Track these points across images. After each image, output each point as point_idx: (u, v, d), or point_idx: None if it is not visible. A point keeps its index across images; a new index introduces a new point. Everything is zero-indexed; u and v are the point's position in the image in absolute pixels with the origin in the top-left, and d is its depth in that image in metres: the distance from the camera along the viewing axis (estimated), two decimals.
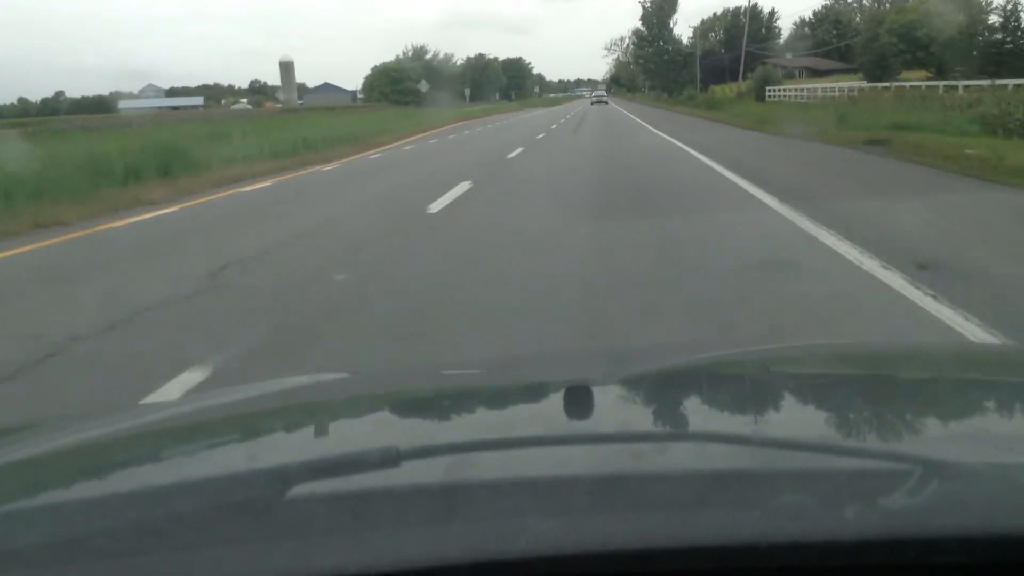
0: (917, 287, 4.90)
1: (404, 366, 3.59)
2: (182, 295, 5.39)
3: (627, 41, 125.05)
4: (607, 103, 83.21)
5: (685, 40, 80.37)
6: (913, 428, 1.06)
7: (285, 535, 0.70)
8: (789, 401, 1.21)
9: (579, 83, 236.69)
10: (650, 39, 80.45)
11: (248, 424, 1.22)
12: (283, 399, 1.37)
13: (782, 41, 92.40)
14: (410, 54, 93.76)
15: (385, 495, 0.78)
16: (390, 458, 0.85)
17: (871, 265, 5.54)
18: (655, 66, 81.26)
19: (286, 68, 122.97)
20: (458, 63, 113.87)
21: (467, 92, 78.89)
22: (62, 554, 0.70)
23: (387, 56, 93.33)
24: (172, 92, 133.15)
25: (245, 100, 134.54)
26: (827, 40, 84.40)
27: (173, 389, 3.48)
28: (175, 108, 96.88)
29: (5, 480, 0.99)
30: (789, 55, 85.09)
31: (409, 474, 0.84)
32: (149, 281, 5.94)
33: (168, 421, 1.28)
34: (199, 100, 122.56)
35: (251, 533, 0.72)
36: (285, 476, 0.84)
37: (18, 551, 0.72)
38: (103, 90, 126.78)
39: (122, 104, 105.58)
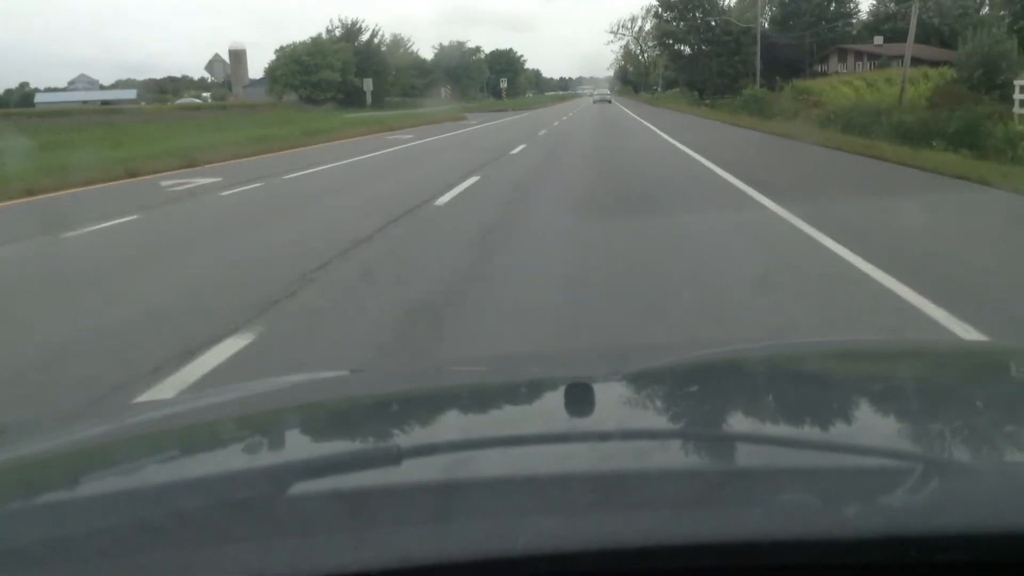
0: None
1: (404, 364, 3.52)
2: None
3: (640, 21, 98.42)
4: (610, 102, 71.42)
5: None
6: (914, 426, 1.04)
7: (285, 533, 0.71)
8: (790, 399, 1.20)
9: (581, 81, 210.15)
10: (682, 6, 53.10)
11: (248, 422, 1.21)
12: (283, 398, 1.36)
13: (853, 23, 63.96)
14: (337, 32, 67.40)
15: (385, 493, 0.78)
16: (390, 456, 0.86)
17: None
18: (692, 49, 53.99)
19: (237, 57, 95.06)
20: (416, 49, 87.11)
21: (368, 85, 50.98)
22: (63, 553, 0.71)
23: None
24: (129, 84, 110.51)
25: (207, 94, 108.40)
26: (925, 20, 54.98)
27: None
28: (105, 103, 76.54)
29: (5, 479, 0.98)
30: (879, 40, 55.75)
31: (409, 472, 0.84)
32: None
33: (168, 420, 1.28)
34: (132, 93, 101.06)
35: (251, 531, 0.72)
36: (285, 474, 0.84)
37: (19, 550, 0.72)
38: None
39: (42, 98, 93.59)
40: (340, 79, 61.08)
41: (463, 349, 3.99)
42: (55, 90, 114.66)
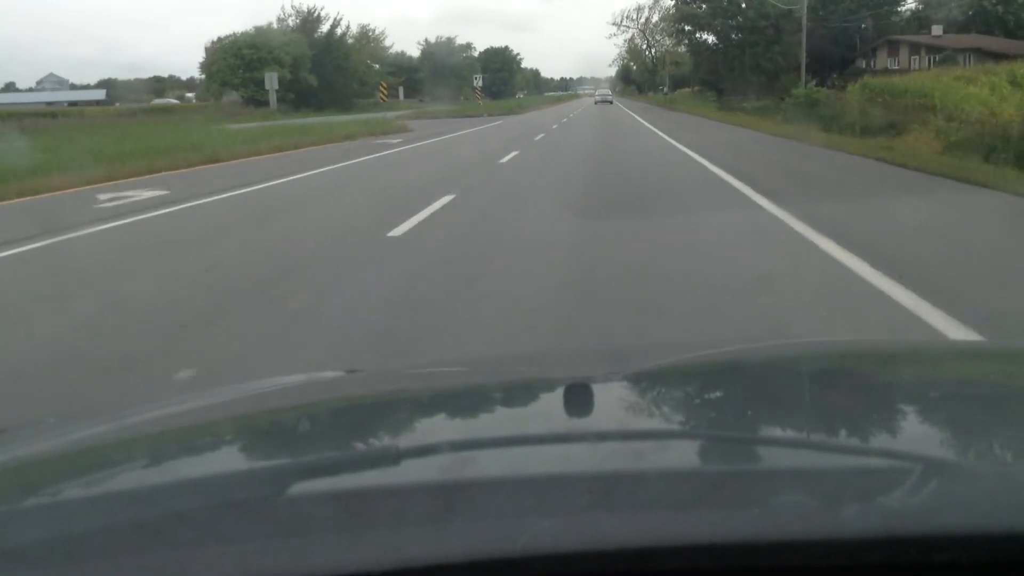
0: None
1: (402, 364, 3.45)
2: None
3: (648, 11, 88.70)
4: (611, 102, 66.42)
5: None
6: (913, 427, 1.04)
7: (284, 534, 0.71)
8: (789, 399, 1.19)
9: (582, 81, 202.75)
10: None
11: (246, 423, 1.20)
12: (281, 398, 1.36)
13: (900, 11, 54.02)
14: (291, 21, 56.76)
15: (384, 494, 0.78)
16: (389, 456, 0.86)
17: None
18: (718, 38, 43.35)
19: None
20: (391, 44, 76.85)
21: (272, 83, 38.50)
22: (62, 552, 0.71)
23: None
24: (111, 84, 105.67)
25: (191, 95, 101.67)
26: (988, 8, 46.66)
27: None
28: (72, 103, 70.48)
29: (5, 479, 0.98)
30: (938, 30, 46.31)
31: (408, 472, 0.84)
32: None
33: (166, 420, 1.27)
34: (101, 94, 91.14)
35: (250, 532, 0.72)
36: (284, 475, 0.84)
37: (18, 550, 0.72)
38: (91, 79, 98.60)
39: (4, 99, 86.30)
40: (290, 76, 51.09)
41: None
42: (28, 90, 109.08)
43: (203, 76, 52.53)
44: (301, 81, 52.34)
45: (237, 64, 49.91)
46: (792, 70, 34.47)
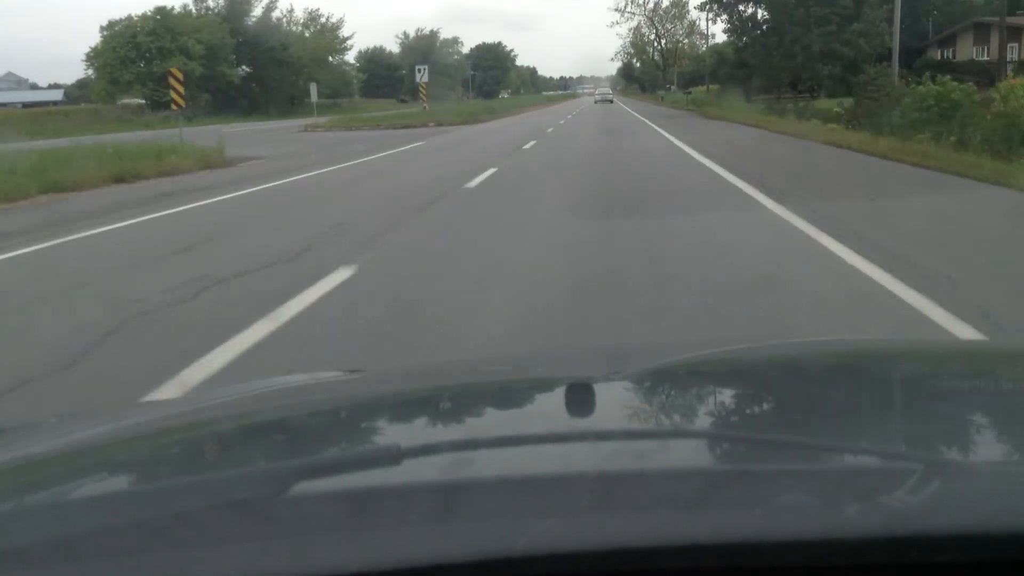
0: None
1: (403, 365, 3.52)
2: None
3: None
4: (612, 102, 62.76)
5: None
6: (914, 426, 1.04)
7: (286, 533, 0.71)
8: (790, 399, 1.19)
9: (582, 80, 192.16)
10: None
11: (248, 423, 1.21)
12: (283, 398, 1.36)
13: None
14: (212, 2, 45.39)
15: (386, 493, 0.79)
16: (391, 456, 0.87)
17: None
18: (772, 14, 31.94)
19: None
20: (349, 35, 65.81)
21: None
22: (63, 552, 0.71)
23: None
24: (82, 84, 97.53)
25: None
26: None
27: None
28: (27, 105, 63.93)
29: (5, 479, 0.98)
30: None
31: (410, 472, 0.85)
32: None
33: (168, 420, 1.27)
34: (59, 94, 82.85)
35: (252, 531, 0.73)
36: (285, 474, 0.85)
37: (19, 549, 0.72)
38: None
39: None
40: (203, 71, 40.13)
41: None
42: None
43: (90, 71, 41.85)
44: (219, 77, 41.39)
45: (132, 56, 39.03)
46: (877, 58, 23.78)
